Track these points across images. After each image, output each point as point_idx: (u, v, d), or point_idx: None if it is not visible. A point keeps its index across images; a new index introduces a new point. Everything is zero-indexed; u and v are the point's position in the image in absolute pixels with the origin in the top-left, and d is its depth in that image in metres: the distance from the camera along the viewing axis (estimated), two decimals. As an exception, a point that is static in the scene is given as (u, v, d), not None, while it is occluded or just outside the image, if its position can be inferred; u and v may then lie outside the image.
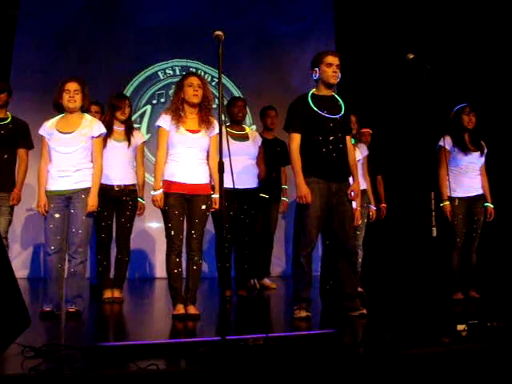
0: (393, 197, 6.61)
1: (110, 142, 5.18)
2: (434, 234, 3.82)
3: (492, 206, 5.38)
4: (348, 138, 4.52)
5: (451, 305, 5.09)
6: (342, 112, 4.46)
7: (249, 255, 5.56)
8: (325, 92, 4.46)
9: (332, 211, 4.35)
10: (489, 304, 5.16)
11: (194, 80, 4.37)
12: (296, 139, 4.35)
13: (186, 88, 4.35)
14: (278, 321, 4.65)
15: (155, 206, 4.35)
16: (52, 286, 4.44)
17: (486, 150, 5.39)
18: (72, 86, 4.46)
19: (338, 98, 4.54)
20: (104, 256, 5.30)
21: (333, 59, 4.38)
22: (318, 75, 4.43)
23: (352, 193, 4.44)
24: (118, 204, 5.26)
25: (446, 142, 5.24)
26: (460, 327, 3.66)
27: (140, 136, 5.47)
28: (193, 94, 4.33)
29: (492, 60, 7.16)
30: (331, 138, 4.34)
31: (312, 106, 4.36)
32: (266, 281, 6.36)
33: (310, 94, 4.45)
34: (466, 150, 5.27)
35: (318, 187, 4.27)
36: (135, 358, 2.99)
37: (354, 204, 4.56)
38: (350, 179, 4.52)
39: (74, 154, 4.44)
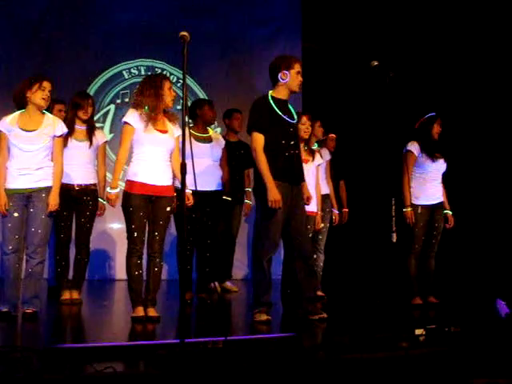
0: (355, 202, 6.67)
1: (71, 142, 5.10)
2: (394, 239, 3.86)
3: (451, 213, 5.47)
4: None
5: (410, 310, 5.15)
6: (296, 118, 4.51)
7: (210, 258, 5.54)
8: (283, 96, 4.42)
9: (289, 214, 4.35)
10: (447, 309, 5.24)
11: (170, 84, 4.39)
12: (260, 140, 4.28)
13: (167, 91, 4.32)
14: (238, 324, 4.64)
15: (109, 204, 4.31)
16: (9, 287, 4.35)
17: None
18: (48, 85, 4.39)
19: (288, 103, 4.54)
20: (63, 256, 5.21)
21: (300, 67, 4.39)
22: (287, 79, 4.36)
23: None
24: (78, 204, 5.18)
25: (414, 148, 5.32)
26: (418, 332, 3.71)
27: (102, 135, 5.40)
28: (172, 98, 4.35)
29: (454, 67, 7.28)
30: (292, 142, 4.37)
31: (276, 109, 4.33)
32: (228, 284, 6.35)
33: (270, 97, 4.39)
34: (433, 157, 5.34)
35: (281, 191, 4.25)
36: (92, 360, 2.95)
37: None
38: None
39: (35, 153, 4.35)
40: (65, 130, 4.52)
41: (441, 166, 5.41)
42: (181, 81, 7.82)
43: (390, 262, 5.61)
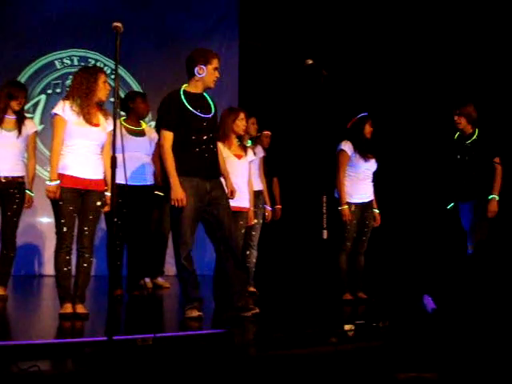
0: (288, 199, 6.73)
1: (0, 132, 4.93)
2: (325, 236, 3.91)
3: (378, 211, 5.60)
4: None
5: (340, 305, 5.24)
6: (213, 111, 4.38)
7: (142, 254, 5.46)
8: (198, 90, 4.33)
9: (208, 210, 4.29)
10: (376, 305, 5.35)
11: (106, 77, 4.30)
12: (169, 138, 4.20)
13: (101, 85, 4.23)
14: (169, 321, 4.61)
15: (49, 197, 4.17)
16: None
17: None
18: None
19: (207, 96, 4.42)
20: (-13, 251, 5.04)
21: (218, 63, 4.32)
22: (203, 74, 4.27)
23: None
24: (4, 196, 5.00)
25: (348, 147, 5.41)
26: (347, 327, 3.77)
27: (31, 125, 5.23)
28: (106, 92, 4.27)
29: (387, 66, 7.44)
30: (204, 137, 4.27)
31: (186, 104, 4.24)
32: (160, 280, 6.28)
33: (182, 91, 4.31)
34: (365, 157, 5.44)
35: (191, 186, 4.18)
36: (18, 358, 2.86)
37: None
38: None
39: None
40: (-9, 120, 4.36)
41: (372, 165, 5.51)
42: (114, 72, 7.69)
43: (321, 258, 5.68)
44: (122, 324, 4.22)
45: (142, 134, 5.47)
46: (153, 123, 7.44)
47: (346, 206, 5.38)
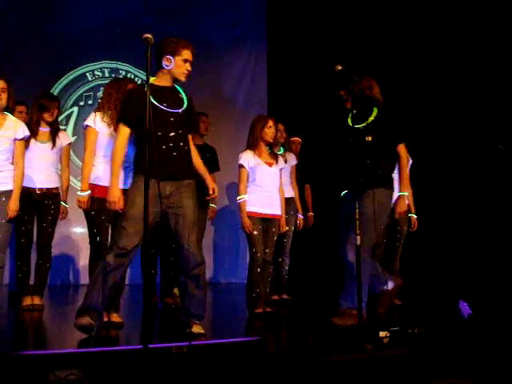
0: (320, 206, 6.69)
1: (34, 144, 5.02)
2: (358, 242, 3.87)
3: (416, 216, 5.52)
4: (190, 135, 4.06)
5: (374, 312, 5.19)
6: (185, 106, 3.96)
7: (174, 262, 5.49)
8: (166, 83, 3.93)
9: (169, 213, 3.85)
10: (410, 311, 5.29)
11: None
12: (125, 133, 3.83)
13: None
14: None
15: (80, 207, 4.23)
16: (-33, 293, 4.26)
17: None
18: None
19: (180, 89, 4.02)
20: (24, 261, 5.12)
21: (190, 55, 3.87)
22: (170, 66, 3.85)
23: (213, 190, 4.19)
24: (39, 208, 5.09)
25: None
26: (382, 334, 3.73)
27: (65, 137, 5.32)
28: None
29: (418, 71, 7.38)
30: (172, 134, 3.84)
31: (151, 98, 3.75)
32: (193, 288, 6.29)
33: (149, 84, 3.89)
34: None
35: (142, 187, 3.47)
36: (54, 367, 2.89)
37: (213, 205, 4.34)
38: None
39: (-6, 156, 4.26)
40: (27, 132, 4.42)
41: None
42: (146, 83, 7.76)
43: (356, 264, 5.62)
44: (156, 332, 4.24)
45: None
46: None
47: None
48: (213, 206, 6.37)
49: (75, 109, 7.68)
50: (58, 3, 7.60)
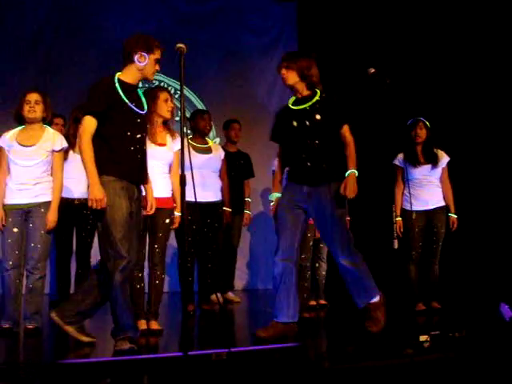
0: (356, 209, 6.64)
1: (72, 155, 5.10)
2: (396, 246, 3.85)
3: (455, 216, 5.45)
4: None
5: (413, 316, 5.13)
6: (145, 108, 3.85)
7: (212, 269, 5.52)
8: (132, 81, 3.76)
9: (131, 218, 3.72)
10: (450, 314, 5.22)
11: (168, 95, 4.35)
12: (91, 126, 3.60)
13: (161, 103, 4.30)
14: (241, 335, 4.62)
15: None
16: (10, 303, 4.33)
17: (442, 161, 5.44)
18: (32, 97, 4.38)
19: (140, 91, 3.91)
20: (64, 271, 5.21)
21: (160, 56, 3.81)
22: (144, 62, 3.70)
23: (151, 206, 4.04)
24: (78, 218, 5.17)
25: (398, 160, 5.44)
26: (422, 338, 3.69)
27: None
28: (168, 109, 4.32)
29: (451, 73, 7.29)
30: (138, 136, 3.72)
31: (121, 94, 3.65)
32: (230, 294, 6.32)
33: (116, 79, 3.70)
34: (415, 164, 5.36)
35: (121, 187, 3.61)
36: (96, 375, 2.93)
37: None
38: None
39: (34, 168, 4.35)
40: (65, 144, 4.51)
41: (427, 171, 5.39)
42: (179, 92, 7.83)
43: (392, 268, 5.61)
44: (195, 339, 4.26)
45: (208, 151, 5.55)
46: (218, 140, 7.55)
47: (399, 218, 5.34)
48: (247, 212, 6.39)
49: (111, 119, 7.77)
50: (92, 18, 7.69)
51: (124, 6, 7.80)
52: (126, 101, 3.65)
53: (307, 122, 4.12)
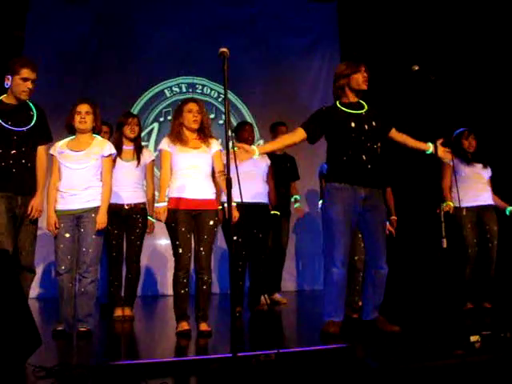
0: (403, 208, 6.57)
1: (119, 162, 5.20)
2: (444, 245, 3.80)
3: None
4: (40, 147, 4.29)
5: (463, 316, 5.05)
6: (32, 123, 4.20)
7: (262, 270, 5.54)
8: (11, 101, 4.15)
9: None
10: (501, 314, 5.11)
11: (193, 106, 4.44)
12: None
13: (185, 114, 4.42)
14: (289, 336, 4.62)
15: (157, 218, 4.37)
16: (63, 306, 4.44)
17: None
18: (83, 108, 4.49)
19: (31, 105, 4.24)
20: (115, 274, 5.30)
21: (30, 73, 4.07)
22: (9, 84, 4.08)
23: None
24: (127, 222, 5.27)
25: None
26: (473, 338, 3.63)
27: (149, 154, 5.48)
28: (193, 119, 4.41)
29: (496, 72, 7.15)
30: (13, 151, 4.10)
31: None
32: (277, 296, 6.34)
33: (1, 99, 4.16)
34: (467, 160, 5.28)
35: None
36: (147, 376, 2.98)
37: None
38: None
39: (83, 171, 4.45)
40: (113, 151, 4.61)
41: (479, 169, 5.33)
42: (222, 96, 7.89)
43: (440, 268, 5.50)
44: (244, 340, 4.28)
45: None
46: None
47: (450, 203, 5.28)
48: (298, 205, 6.45)
49: (155, 125, 7.89)
50: (133, 24, 7.83)
51: (163, 16, 7.90)
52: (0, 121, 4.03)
53: (366, 126, 4.25)
